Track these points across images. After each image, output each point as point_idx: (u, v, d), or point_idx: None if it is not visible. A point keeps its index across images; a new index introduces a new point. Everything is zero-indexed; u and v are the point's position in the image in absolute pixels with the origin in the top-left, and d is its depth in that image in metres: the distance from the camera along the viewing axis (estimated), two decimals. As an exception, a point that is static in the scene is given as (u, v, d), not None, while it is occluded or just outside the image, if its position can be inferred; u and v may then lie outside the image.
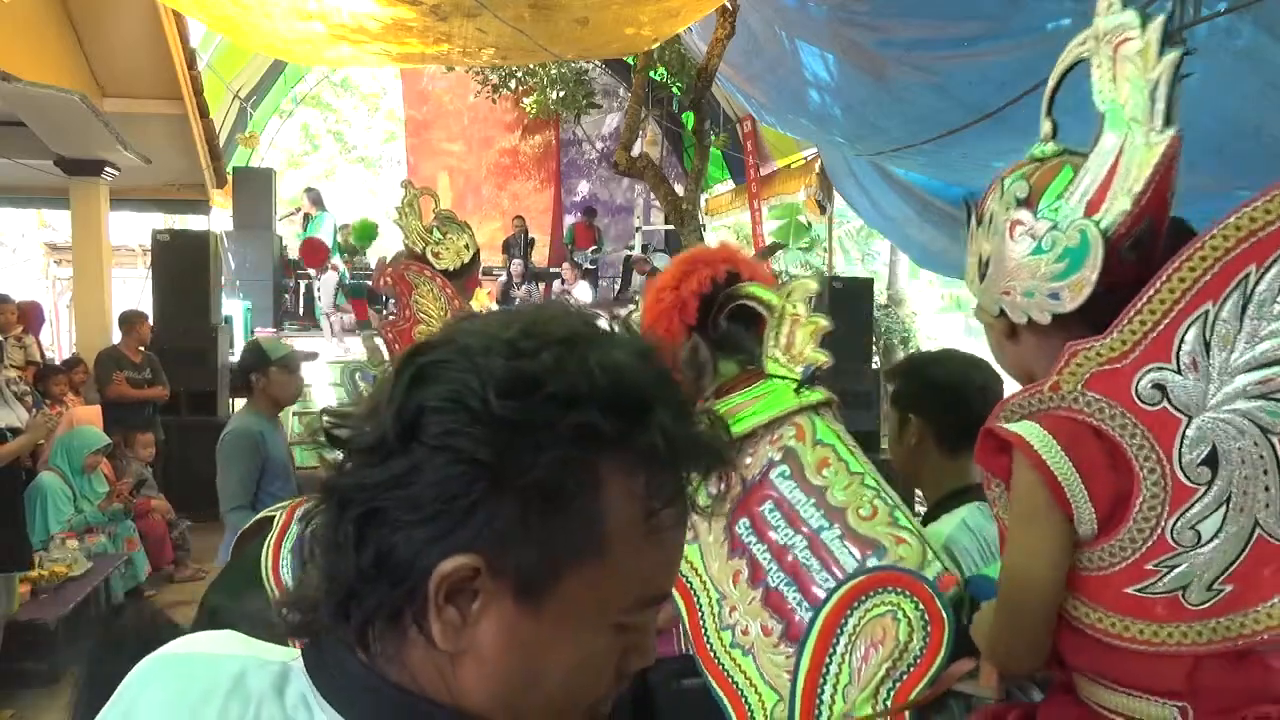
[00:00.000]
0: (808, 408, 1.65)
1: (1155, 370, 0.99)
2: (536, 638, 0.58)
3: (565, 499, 0.56)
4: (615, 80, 13.25)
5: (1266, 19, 3.42)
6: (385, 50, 6.52)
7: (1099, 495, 1.00)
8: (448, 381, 0.56)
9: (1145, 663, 0.99)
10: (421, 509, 0.55)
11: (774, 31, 6.27)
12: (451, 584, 0.56)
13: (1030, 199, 1.13)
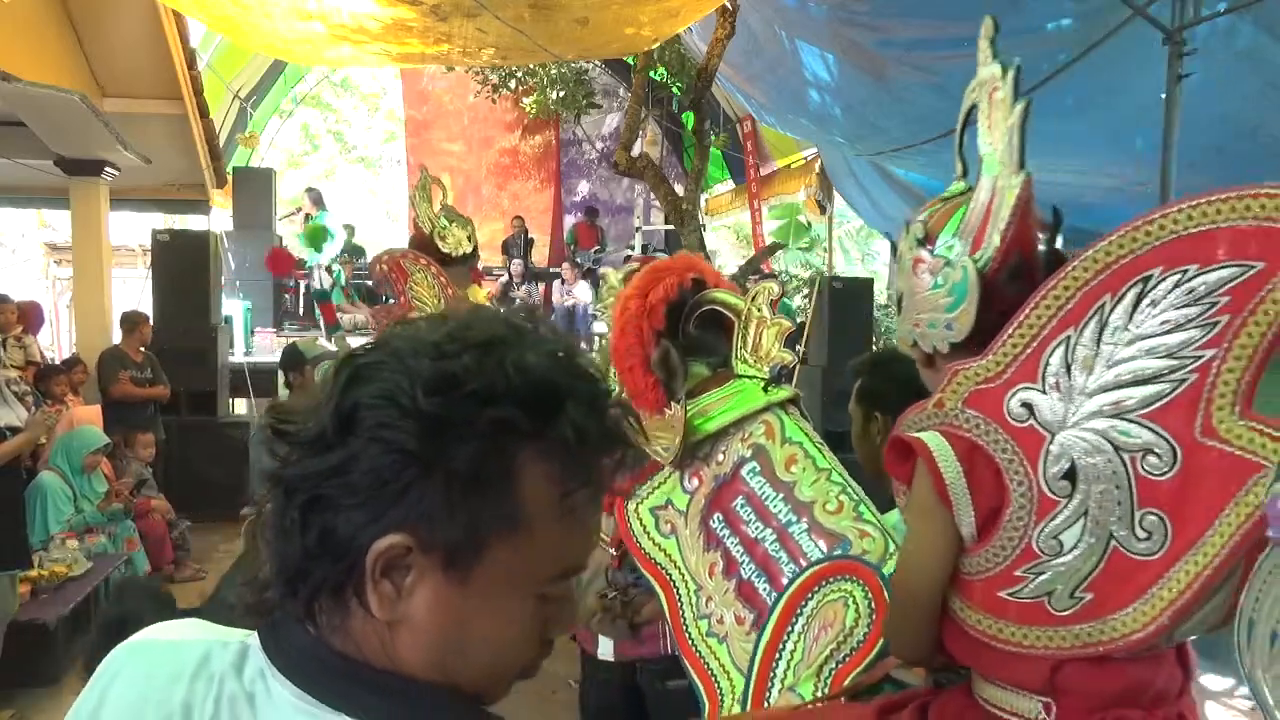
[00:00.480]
0: (775, 405, 1.73)
1: (1024, 390, 1.07)
2: (464, 607, 0.63)
3: (486, 483, 0.62)
4: (615, 80, 13.25)
5: (1266, 19, 3.42)
6: (385, 50, 6.52)
7: (980, 505, 1.07)
8: (380, 381, 0.62)
9: (1014, 661, 1.07)
10: (358, 494, 0.61)
11: (774, 31, 6.27)
12: (386, 559, 0.61)
13: (928, 238, 1.23)
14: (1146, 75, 3.77)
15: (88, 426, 5.35)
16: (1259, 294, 0.94)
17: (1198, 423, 0.98)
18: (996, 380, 1.09)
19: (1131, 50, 3.64)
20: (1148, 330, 1.00)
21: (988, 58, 1.21)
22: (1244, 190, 0.96)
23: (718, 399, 1.79)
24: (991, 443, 1.08)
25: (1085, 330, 1.03)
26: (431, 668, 0.64)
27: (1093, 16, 3.76)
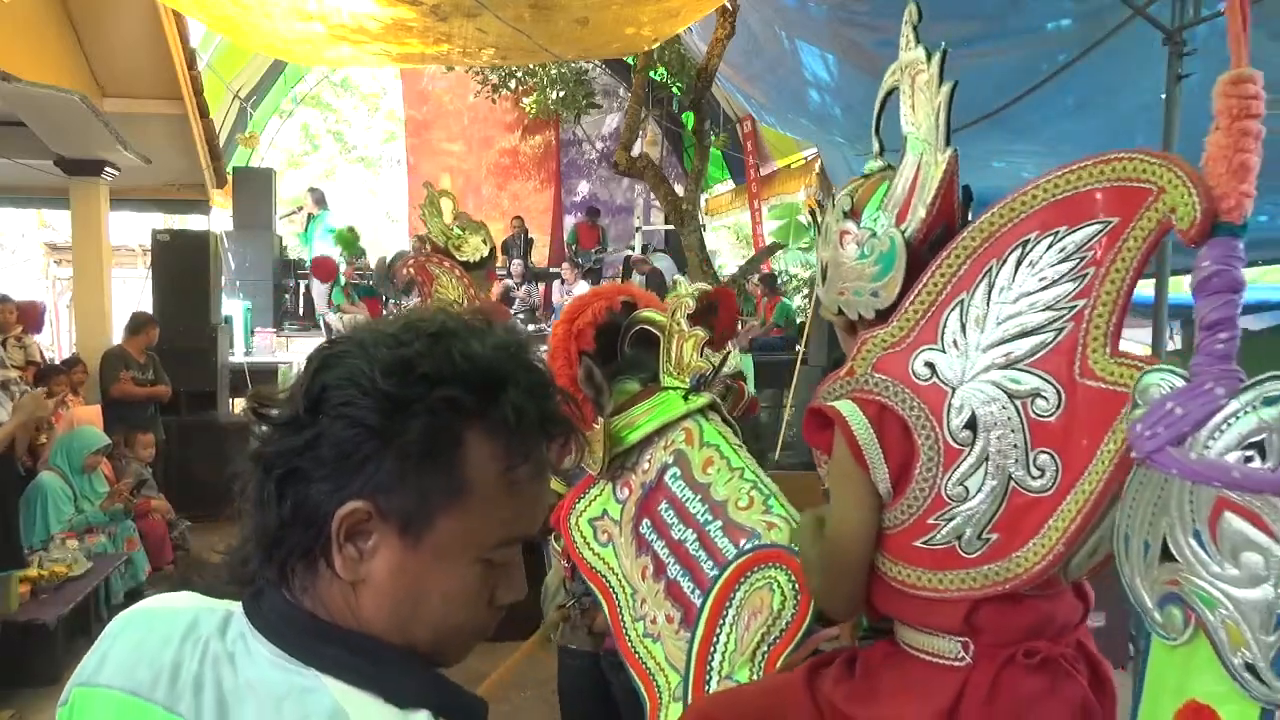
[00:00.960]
0: (694, 412, 1.83)
1: (926, 350, 1.17)
2: (418, 569, 0.71)
3: (435, 456, 0.69)
4: (615, 80, 13.25)
5: (1266, 19, 3.42)
6: (385, 50, 6.52)
7: (892, 461, 1.16)
8: (345, 366, 0.71)
9: (932, 607, 1.15)
10: (325, 465, 0.69)
11: (774, 31, 6.27)
12: (349, 525, 0.69)
13: (854, 211, 1.31)
14: (1146, 75, 3.77)
15: (88, 426, 5.36)
16: (1116, 246, 1.06)
17: (1076, 365, 1.08)
18: (901, 344, 1.18)
19: (1131, 50, 3.64)
20: (1029, 288, 1.11)
21: (911, 43, 1.25)
22: (1099, 157, 1.08)
23: (643, 410, 1.90)
24: (899, 402, 1.17)
25: (976, 292, 1.14)
26: (391, 627, 0.72)
27: (1093, 16, 3.76)
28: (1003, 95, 4.46)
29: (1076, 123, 4.48)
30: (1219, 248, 0.87)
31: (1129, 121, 4.28)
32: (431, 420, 0.69)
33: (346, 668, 0.69)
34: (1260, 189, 2.77)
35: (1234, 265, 0.86)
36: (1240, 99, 0.85)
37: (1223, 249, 0.87)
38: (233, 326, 8.78)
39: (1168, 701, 0.87)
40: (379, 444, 0.68)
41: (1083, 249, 1.08)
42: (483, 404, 0.70)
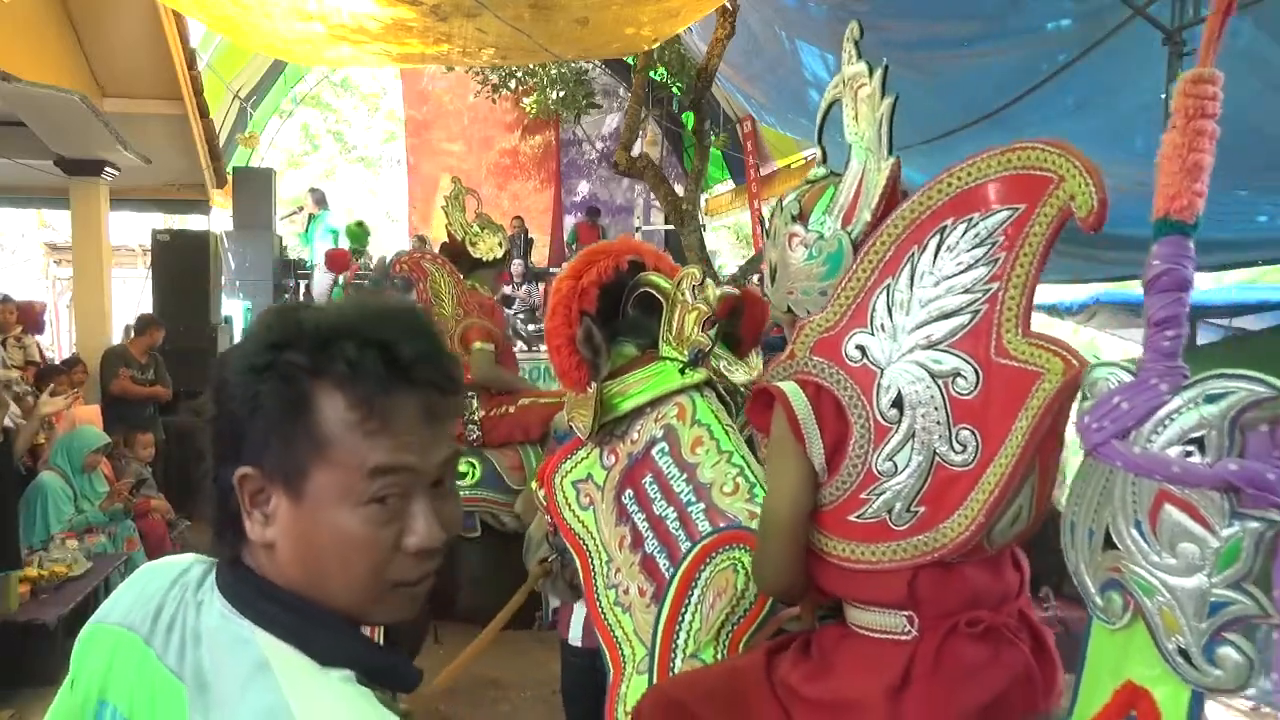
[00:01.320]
0: (690, 387, 1.83)
1: (857, 334, 1.23)
2: (308, 522, 0.77)
3: (291, 415, 0.76)
4: (615, 80, 13.24)
5: (1266, 19, 3.42)
6: (385, 50, 6.51)
7: (827, 438, 1.22)
8: (230, 357, 0.81)
9: (872, 580, 1.20)
10: (224, 444, 0.80)
11: (774, 31, 6.27)
12: (249, 492, 0.78)
13: (802, 215, 1.37)
14: (1146, 75, 3.77)
15: (88, 426, 5.35)
16: (1024, 230, 1.11)
17: (992, 345, 1.13)
18: (835, 329, 1.25)
19: (1131, 50, 3.64)
20: (948, 272, 1.16)
21: (853, 58, 1.35)
22: (1006, 147, 1.13)
23: (638, 379, 1.89)
24: (835, 383, 1.23)
25: (901, 277, 1.20)
26: (304, 578, 0.78)
27: (1093, 16, 3.76)
28: (1003, 95, 4.46)
29: (1076, 123, 4.48)
30: (1169, 246, 0.87)
31: (1129, 121, 4.28)
32: (279, 383, 0.76)
33: (277, 623, 0.77)
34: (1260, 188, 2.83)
35: (1183, 264, 0.87)
36: (1198, 99, 0.84)
37: (1173, 247, 0.87)
38: (233, 326, 8.78)
39: (1106, 682, 0.91)
40: (248, 413, 0.77)
41: (994, 234, 1.14)
42: (320, 361, 0.77)
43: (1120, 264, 6.39)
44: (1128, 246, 5.91)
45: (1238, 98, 3.69)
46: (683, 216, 8.54)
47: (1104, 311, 7.62)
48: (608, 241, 2.10)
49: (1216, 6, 0.85)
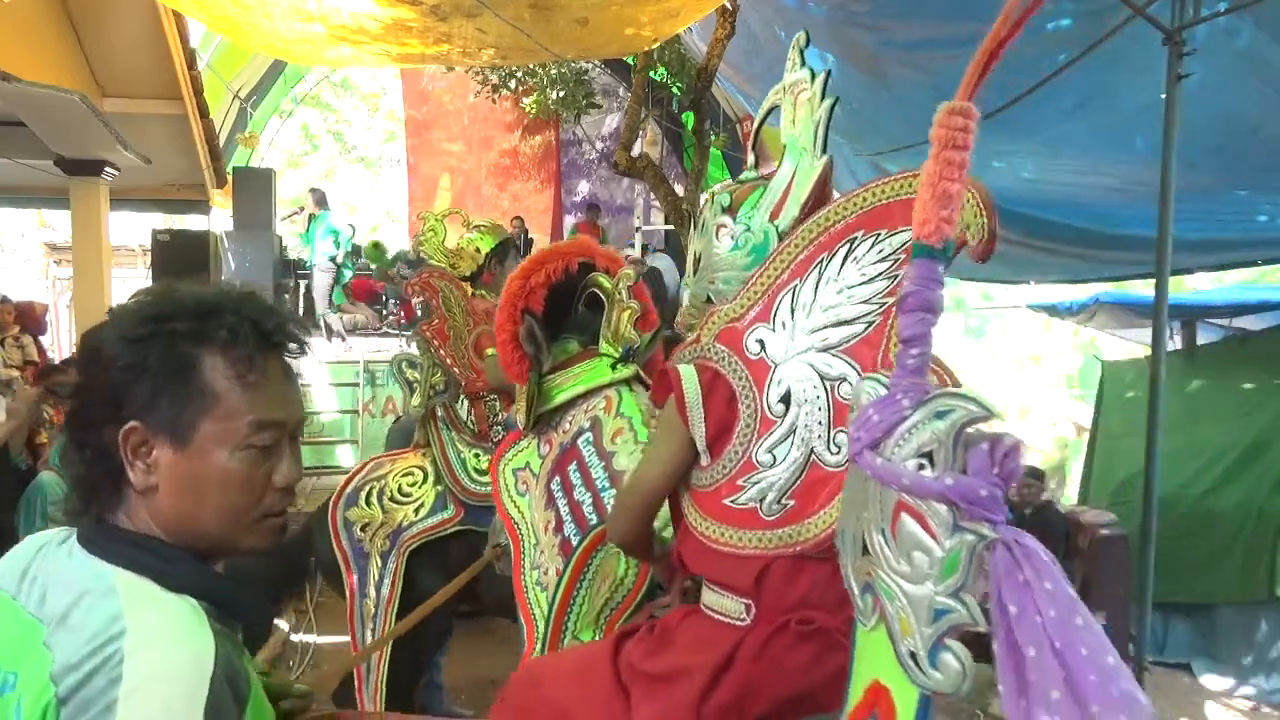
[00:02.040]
0: (619, 381, 1.94)
1: (759, 328, 1.28)
2: (192, 466, 0.92)
3: (176, 375, 0.91)
4: (615, 80, 13.24)
5: (1266, 19, 3.42)
6: (385, 50, 6.51)
7: (711, 423, 1.26)
8: (104, 331, 0.93)
9: (730, 563, 1.25)
10: (104, 407, 0.91)
11: (774, 31, 6.27)
12: (131, 444, 0.91)
13: (732, 208, 1.44)
14: (1146, 75, 3.77)
15: (88, 426, 5.35)
16: None
17: (880, 356, 1.18)
18: (741, 320, 1.30)
19: (1131, 50, 3.64)
20: (851, 281, 1.22)
21: (795, 65, 1.39)
22: (915, 170, 1.13)
23: (574, 373, 2.02)
24: (731, 371, 1.28)
25: (808, 280, 1.25)
26: (184, 522, 0.93)
27: (1093, 16, 3.76)
28: (1002, 95, 4.46)
29: (1076, 123, 4.48)
30: (918, 269, 0.89)
31: (1129, 121, 4.28)
32: (167, 348, 0.91)
33: (133, 561, 0.90)
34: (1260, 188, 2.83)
35: (930, 286, 0.89)
36: (950, 130, 0.88)
37: (922, 270, 0.89)
38: (232, 326, 8.78)
39: (863, 680, 0.95)
40: (133, 375, 0.90)
41: (897, 251, 1.19)
42: (205, 328, 0.92)
43: (1120, 264, 6.39)
44: (1128, 246, 5.92)
45: (1238, 98, 3.71)
46: (683, 216, 8.54)
47: (1104, 311, 7.61)
48: (562, 243, 2.22)
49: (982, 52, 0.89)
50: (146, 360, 0.90)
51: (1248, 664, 5.66)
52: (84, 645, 0.84)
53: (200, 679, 0.83)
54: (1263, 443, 6.04)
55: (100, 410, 0.91)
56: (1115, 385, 7.94)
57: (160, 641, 0.84)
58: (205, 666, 0.84)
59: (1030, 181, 5.75)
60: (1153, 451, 3.50)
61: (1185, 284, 8.81)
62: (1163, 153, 3.25)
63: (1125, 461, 7.16)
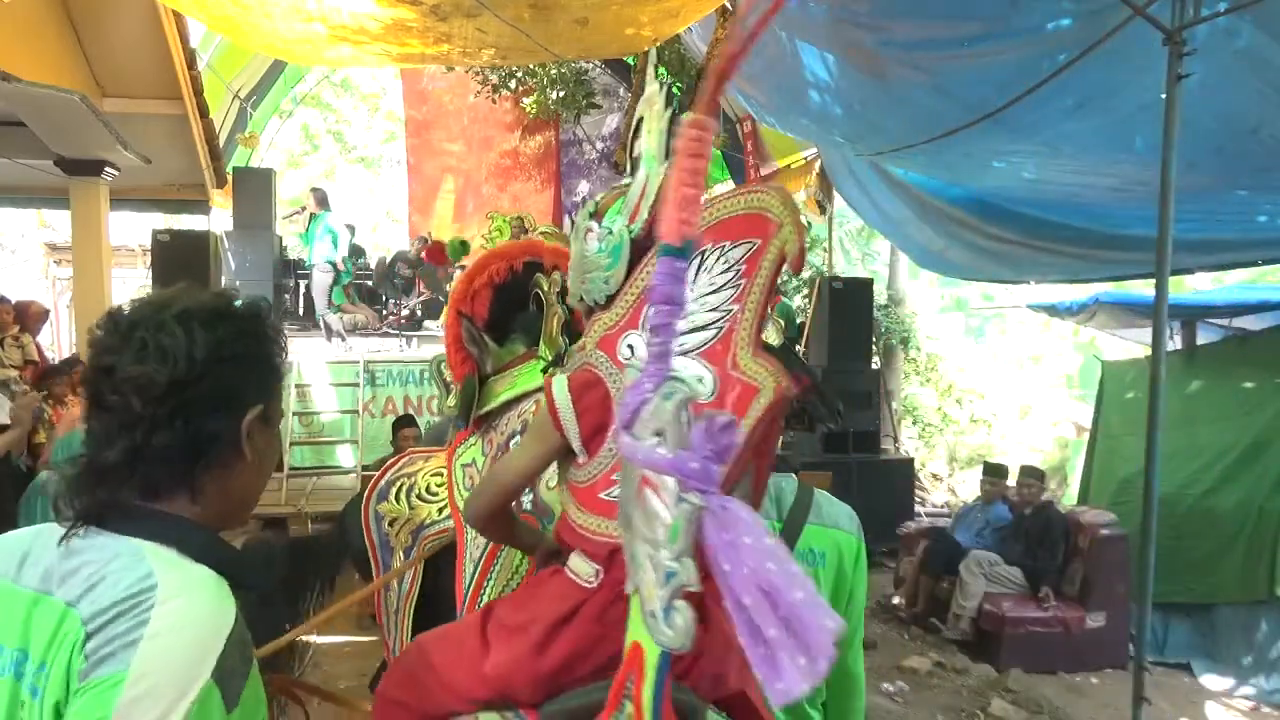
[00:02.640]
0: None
1: (631, 335, 1.38)
2: (268, 440, 1.11)
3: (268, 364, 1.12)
4: (615, 80, 13.25)
5: (1266, 19, 3.42)
6: (385, 50, 6.51)
7: (586, 425, 1.35)
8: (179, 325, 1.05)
9: (592, 546, 1.34)
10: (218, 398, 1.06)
11: (774, 31, 6.27)
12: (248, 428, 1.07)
13: (599, 213, 1.54)
14: (1146, 75, 3.77)
15: (88, 426, 5.35)
16: (758, 263, 1.29)
17: (729, 359, 1.28)
18: (615, 328, 1.41)
19: (1131, 50, 3.64)
20: (703, 290, 1.32)
21: (651, 79, 1.54)
22: (750, 188, 1.33)
23: (512, 376, 2.07)
24: (607, 375, 1.38)
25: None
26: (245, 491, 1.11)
27: (1093, 16, 3.75)
28: (1003, 95, 4.45)
29: (1076, 123, 4.48)
30: (662, 266, 0.99)
31: (1129, 121, 4.28)
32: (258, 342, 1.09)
33: (155, 534, 1.00)
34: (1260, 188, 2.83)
35: (673, 282, 0.99)
36: (688, 140, 0.97)
37: (665, 268, 0.99)
38: (233, 326, 8.77)
39: (629, 640, 1.08)
40: (246, 366, 1.06)
41: (739, 262, 1.31)
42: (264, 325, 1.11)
43: (1120, 264, 6.39)
44: (1128, 246, 5.92)
45: (1238, 98, 3.71)
46: (683, 216, 8.52)
47: (1104, 311, 7.62)
48: (509, 243, 2.26)
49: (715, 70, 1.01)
50: (250, 352, 1.06)
51: (1248, 664, 5.66)
52: (118, 595, 0.94)
53: (217, 637, 0.94)
54: (1263, 442, 6.03)
55: (208, 401, 1.02)
56: (1115, 385, 7.94)
57: (187, 597, 0.95)
58: (224, 626, 0.95)
59: (1030, 181, 5.75)
60: (1153, 451, 3.50)
61: (1185, 284, 8.82)
62: (1163, 153, 3.26)
63: (1125, 461, 7.16)
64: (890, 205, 7.77)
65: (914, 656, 5.55)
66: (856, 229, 14.39)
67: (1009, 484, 6.49)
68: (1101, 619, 5.70)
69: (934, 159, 6.05)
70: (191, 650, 0.92)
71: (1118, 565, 5.78)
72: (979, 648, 5.74)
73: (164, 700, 0.89)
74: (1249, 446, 6.12)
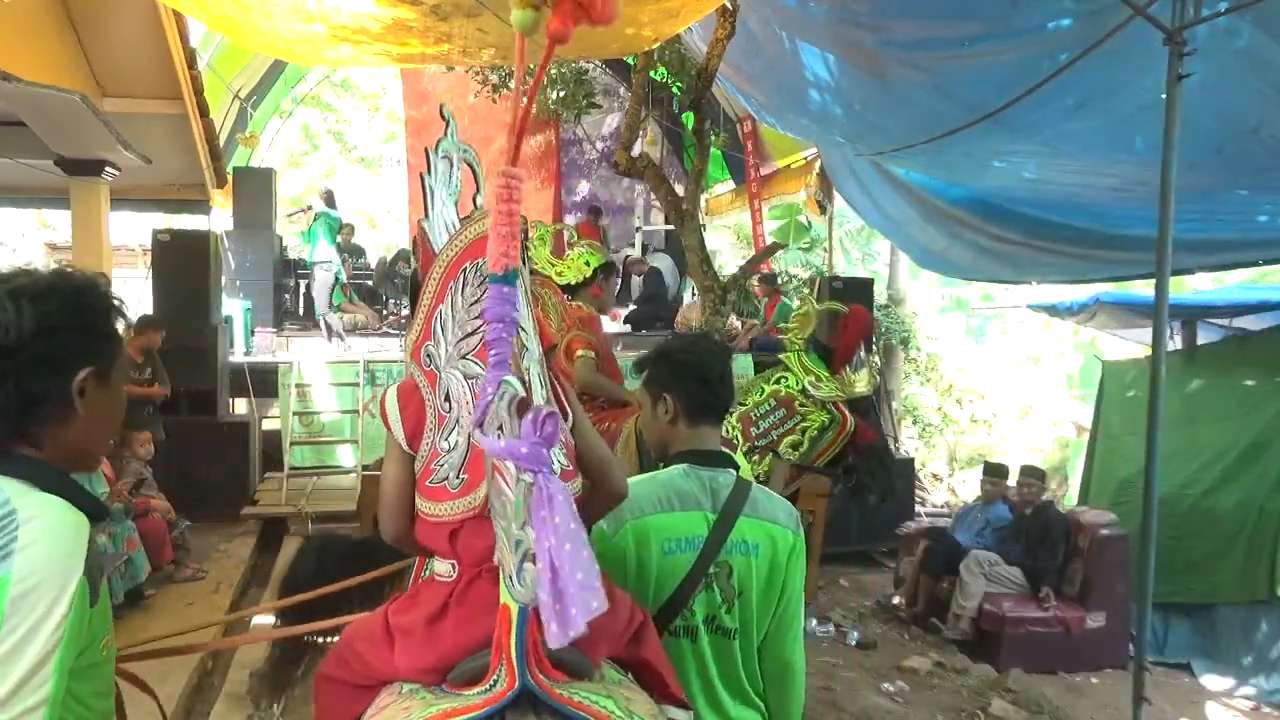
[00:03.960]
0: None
1: (428, 345, 1.58)
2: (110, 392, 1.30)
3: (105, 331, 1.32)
4: (615, 80, 13.25)
5: (1266, 19, 3.42)
6: (386, 50, 6.51)
7: (408, 426, 1.58)
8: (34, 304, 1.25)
9: (437, 531, 1.53)
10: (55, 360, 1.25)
11: (774, 31, 6.27)
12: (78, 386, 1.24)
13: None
14: (1146, 75, 3.77)
15: (88, 426, 5.35)
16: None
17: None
18: (418, 339, 1.60)
19: (1131, 50, 3.64)
20: (470, 300, 1.54)
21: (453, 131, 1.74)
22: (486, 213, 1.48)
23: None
24: (420, 382, 1.59)
25: (447, 303, 1.57)
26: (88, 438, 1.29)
27: (1093, 16, 3.75)
28: (1003, 95, 4.45)
29: (1077, 122, 4.48)
30: (492, 291, 1.25)
31: (1129, 121, 4.28)
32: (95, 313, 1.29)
33: (16, 472, 1.18)
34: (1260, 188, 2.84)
35: (501, 304, 1.24)
36: (501, 188, 1.19)
37: (493, 293, 1.25)
38: (233, 326, 8.78)
39: (502, 601, 1.30)
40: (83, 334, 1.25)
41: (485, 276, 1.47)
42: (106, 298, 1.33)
43: (1120, 264, 6.39)
44: (1128, 246, 5.92)
45: (1238, 98, 3.70)
46: (683, 216, 8.54)
47: (1104, 311, 7.62)
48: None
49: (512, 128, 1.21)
50: (76, 322, 1.24)
51: (1248, 664, 5.66)
52: None
53: (79, 542, 1.14)
54: (1263, 442, 6.04)
55: (36, 365, 1.20)
56: (1115, 385, 7.94)
57: (46, 515, 1.13)
58: (83, 534, 1.15)
59: (1031, 181, 5.75)
60: (1153, 451, 3.50)
61: (1185, 284, 8.82)
62: (1163, 152, 3.25)
63: (1125, 461, 7.17)
64: (891, 205, 7.77)
65: (914, 656, 5.55)
66: (856, 229, 14.40)
67: (1009, 484, 6.49)
68: (1101, 619, 5.70)
69: (934, 159, 6.05)
70: (63, 552, 1.12)
71: (1118, 565, 5.78)
72: (979, 648, 5.74)
73: (49, 593, 1.09)
74: (1249, 446, 6.13)
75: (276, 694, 3.39)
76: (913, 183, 7.08)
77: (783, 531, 1.86)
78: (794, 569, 1.88)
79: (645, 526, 1.79)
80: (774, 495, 1.96)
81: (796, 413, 3.49)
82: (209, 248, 7.60)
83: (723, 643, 1.83)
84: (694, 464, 1.87)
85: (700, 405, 1.91)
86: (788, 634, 1.89)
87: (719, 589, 1.81)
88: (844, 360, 3.33)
